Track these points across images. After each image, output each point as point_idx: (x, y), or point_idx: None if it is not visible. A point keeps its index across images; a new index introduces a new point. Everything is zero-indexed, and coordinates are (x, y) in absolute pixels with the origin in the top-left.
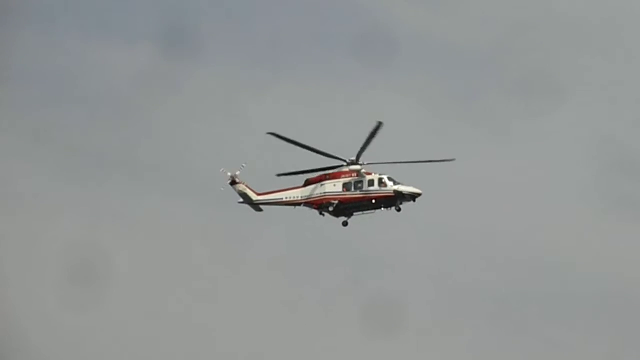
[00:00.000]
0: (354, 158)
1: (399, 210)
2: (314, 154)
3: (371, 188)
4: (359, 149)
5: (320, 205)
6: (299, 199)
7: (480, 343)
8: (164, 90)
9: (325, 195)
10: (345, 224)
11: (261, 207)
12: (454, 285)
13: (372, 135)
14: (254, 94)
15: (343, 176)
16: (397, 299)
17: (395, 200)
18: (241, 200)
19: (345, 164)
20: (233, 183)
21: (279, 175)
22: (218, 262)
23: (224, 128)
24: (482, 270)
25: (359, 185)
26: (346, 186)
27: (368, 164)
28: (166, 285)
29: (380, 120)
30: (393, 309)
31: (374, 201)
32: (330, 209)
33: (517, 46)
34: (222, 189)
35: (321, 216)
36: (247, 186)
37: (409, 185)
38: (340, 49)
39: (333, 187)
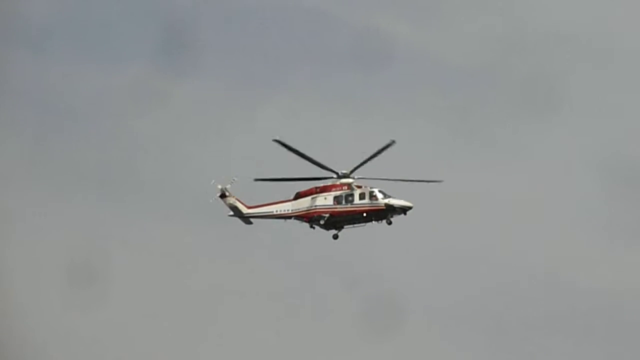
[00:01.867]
0: (345, 171)
1: (389, 223)
2: (306, 165)
3: (362, 201)
4: (359, 162)
5: (311, 218)
6: (290, 212)
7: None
8: (156, 108)
9: (316, 209)
10: (335, 236)
11: (251, 220)
12: (446, 301)
13: (380, 151)
14: (246, 109)
15: (334, 189)
16: (387, 312)
17: (386, 213)
18: (231, 213)
19: (335, 176)
20: (223, 196)
21: (256, 179)
22: (207, 277)
23: (215, 144)
24: (473, 287)
25: (350, 198)
26: (337, 199)
27: (359, 178)
28: (157, 300)
29: (393, 139)
30: (382, 322)
31: (364, 214)
32: (321, 222)
33: (509, 62)
34: (211, 200)
35: (311, 229)
36: (237, 199)
37: (399, 198)
38: (334, 65)
39: (324, 200)
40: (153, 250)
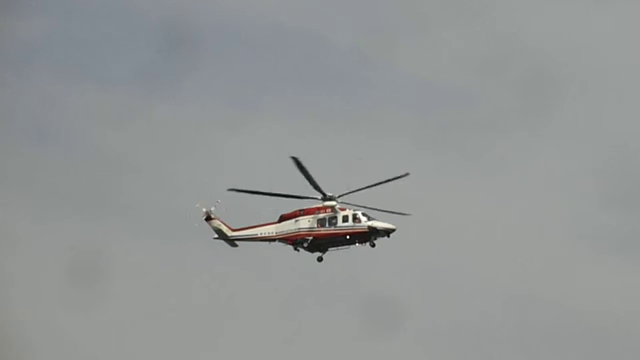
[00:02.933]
0: (331, 194)
1: (373, 245)
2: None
3: (345, 224)
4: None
5: (295, 241)
6: (274, 234)
7: None
8: (139, 129)
9: (299, 231)
10: (320, 259)
11: (236, 242)
12: (438, 322)
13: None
14: (230, 132)
15: (318, 212)
16: (371, 334)
17: (369, 236)
18: (216, 236)
19: (319, 198)
20: (208, 219)
21: (229, 189)
22: (193, 299)
23: (199, 166)
24: (460, 306)
25: (333, 221)
26: (320, 222)
27: (340, 195)
28: (142, 324)
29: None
30: (368, 343)
31: (348, 237)
32: (305, 244)
33: (492, 82)
34: (196, 224)
35: (296, 252)
36: (221, 222)
37: (383, 221)
38: (318, 86)
39: (307, 223)
40: (136, 271)
